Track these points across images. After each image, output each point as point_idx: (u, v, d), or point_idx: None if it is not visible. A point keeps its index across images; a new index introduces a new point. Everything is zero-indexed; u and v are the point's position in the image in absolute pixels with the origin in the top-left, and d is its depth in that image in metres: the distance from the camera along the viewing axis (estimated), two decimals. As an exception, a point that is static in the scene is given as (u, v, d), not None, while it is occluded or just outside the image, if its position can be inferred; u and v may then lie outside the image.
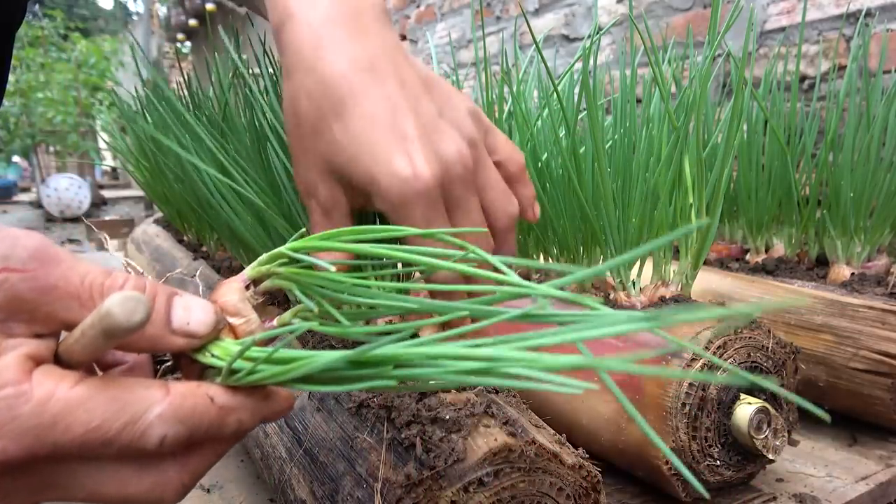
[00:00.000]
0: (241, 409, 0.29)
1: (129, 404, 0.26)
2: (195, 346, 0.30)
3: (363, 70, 0.37)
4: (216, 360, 0.29)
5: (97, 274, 0.28)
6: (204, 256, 0.97)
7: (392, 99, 0.37)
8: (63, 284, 0.27)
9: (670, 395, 0.49)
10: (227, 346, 0.30)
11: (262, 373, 0.28)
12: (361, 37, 0.38)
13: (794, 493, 0.55)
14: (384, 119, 0.36)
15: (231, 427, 0.29)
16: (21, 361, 0.26)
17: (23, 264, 0.26)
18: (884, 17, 1.12)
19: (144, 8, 9.27)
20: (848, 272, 0.77)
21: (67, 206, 6.41)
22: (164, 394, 0.27)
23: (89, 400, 0.26)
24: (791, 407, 0.54)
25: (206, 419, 0.28)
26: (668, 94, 0.60)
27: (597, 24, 0.63)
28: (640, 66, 0.67)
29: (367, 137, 0.36)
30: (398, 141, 0.36)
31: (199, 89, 0.86)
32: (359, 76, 0.37)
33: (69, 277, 0.27)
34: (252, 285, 0.34)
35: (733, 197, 0.91)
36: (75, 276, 0.27)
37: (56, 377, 0.26)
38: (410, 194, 0.36)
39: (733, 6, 0.58)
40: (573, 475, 0.39)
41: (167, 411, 0.27)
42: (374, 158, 0.36)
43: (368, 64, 0.37)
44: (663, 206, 0.59)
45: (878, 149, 0.75)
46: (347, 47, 0.38)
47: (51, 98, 6.98)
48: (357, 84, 0.37)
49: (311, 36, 0.38)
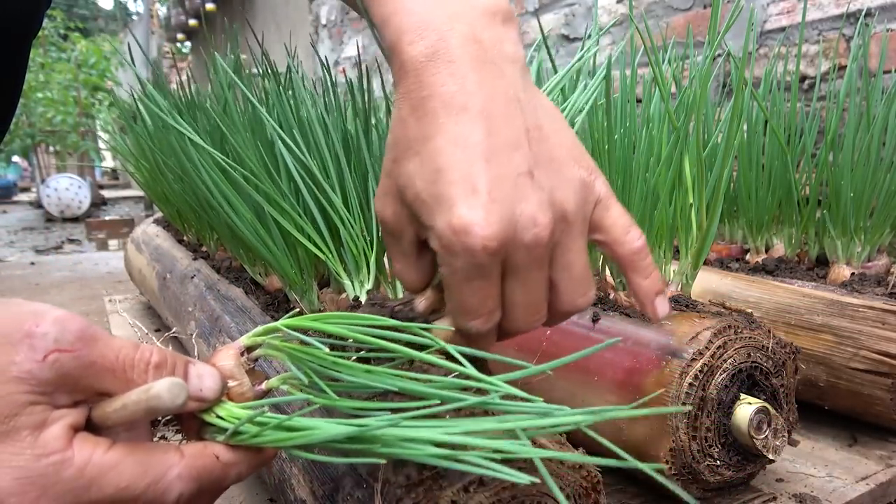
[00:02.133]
0: (241, 464, 0.34)
1: (152, 467, 0.31)
2: (204, 409, 0.35)
3: (456, 110, 0.35)
4: (220, 421, 0.35)
5: (129, 349, 0.33)
6: (204, 256, 0.97)
7: (474, 146, 0.34)
8: (101, 360, 0.32)
9: (670, 395, 0.49)
10: (229, 408, 0.35)
11: (266, 437, 0.33)
12: (469, 72, 0.36)
13: (794, 493, 0.55)
14: (459, 166, 0.34)
15: (232, 479, 0.34)
16: (65, 431, 0.30)
17: (70, 345, 0.31)
18: (884, 17, 1.12)
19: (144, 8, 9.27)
20: (848, 272, 0.77)
21: (67, 206, 6.41)
22: (180, 457, 0.32)
23: (119, 464, 0.31)
24: (791, 407, 0.54)
25: (213, 475, 0.33)
26: (669, 95, 0.60)
27: (597, 24, 0.63)
28: (640, 66, 0.67)
29: (437, 180, 0.34)
30: (466, 192, 0.34)
31: (200, 89, 0.86)
32: (449, 116, 0.35)
33: (106, 354, 0.32)
34: (246, 352, 0.39)
35: (733, 197, 0.91)
36: (111, 352, 0.32)
37: (92, 444, 0.31)
38: (458, 248, 0.34)
39: (733, 6, 0.58)
40: (573, 475, 0.39)
41: (184, 472, 0.32)
42: (437, 202, 0.34)
43: (463, 104, 0.35)
44: (663, 205, 0.59)
45: (878, 149, 0.75)
46: (449, 81, 0.35)
47: (51, 98, 6.98)
48: (445, 124, 0.35)
49: (418, 59, 0.36)
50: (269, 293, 0.73)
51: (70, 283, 1.83)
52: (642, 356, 0.52)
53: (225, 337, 0.66)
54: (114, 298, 1.46)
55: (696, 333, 0.51)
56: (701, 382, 0.50)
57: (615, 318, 0.57)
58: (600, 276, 0.65)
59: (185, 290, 0.87)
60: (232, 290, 0.75)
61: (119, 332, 1.20)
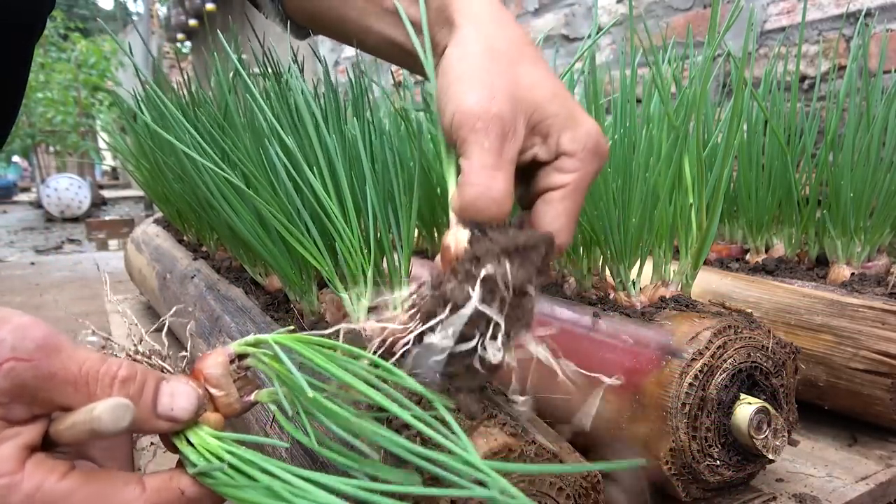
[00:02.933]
0: (206, 499, 0.32)
1: (110, 500, 0.29)
2: (177, 430, 0.33)
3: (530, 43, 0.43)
4: (190, 451, 0.32)
5: (94, 361, 0.30)
6: (204, 256, 0.97)
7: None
8: (62, 373, 0.29)
9: (670, 395, 0.49)
10: (203, 437, 0.33)
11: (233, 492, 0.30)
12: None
13: (794, 493, 0.55)
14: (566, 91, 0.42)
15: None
16: (17, 452, 0.28)
17: (29, 354, 0.28)
18: (884, 17, 1.12)
19: (144, 8, 9.27)
20: (848, 272, 0.77)
21: (67, 206, 6.41)
22: (141, 490, 0.30)
23: (71, 495, 0.28)
24: (791, 407, 0.54)
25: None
26: (668, 95, 0.60)
27: (597, 24, 0.63)
28: (640, 66, 0.67)
29: (563, 95, 0.41)
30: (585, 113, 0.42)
31: (200, 89, 0.86)
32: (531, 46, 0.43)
33: (68, 366, 0.30)
34: (237, 359, 0.36)
35: (733, 197, 0.91)
36: (74, 364, 0.30)
37: (46, 470, 0.28)
38: (603, 149, 0.41)
39: (733, 6, 0.58)
40: (573, 475, 0.39)
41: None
42: (572, 113, 0.40)
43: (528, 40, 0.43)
44: (663, 206, 0.59)
45: (878, 149, 0.75)
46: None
47: (51, 98, 6.98)
48: (535, 50, 0.43)
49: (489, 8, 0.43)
50: (269, 293, 0.73)
51: (70, 283, 1.83)
52: (642, 356, 0.52)
53: (225, 337, 0.66)
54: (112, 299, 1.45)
55: (696, 333, 0.51)
56: (701, 382, 0.50)
57: (615, 318, 0.57)
58: (600, 276, 0.65)
59: (185, 290, 0.87)
60: (232, 290, 0.75)
61: (119, 331, 1.20)
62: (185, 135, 0.60)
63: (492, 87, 0.38)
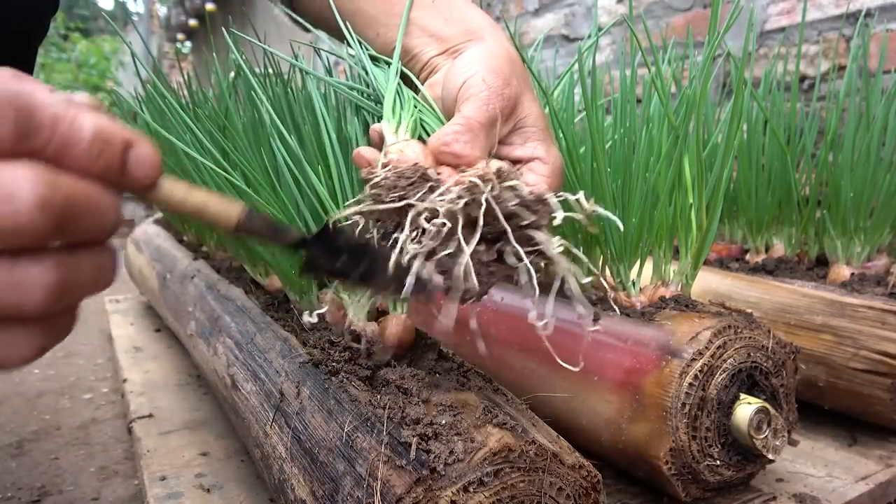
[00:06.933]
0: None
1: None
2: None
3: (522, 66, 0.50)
4: None
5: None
6: (204, 256, 0.97)
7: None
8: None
9: (670, 395, 0.49)
10: None
11: None
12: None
13: (794, 493, 0.55)
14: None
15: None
16: None
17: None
18: (884, 17, 1.12)
19: (144, 8, 9.27)
20: (848, 272, 0.77)
21: (67, 206, 6.40)
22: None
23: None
24: (791, 407, 0.55)
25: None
26: (668, 95, 0.60)
27: (597, 24, 0.63)
28: (640, 66, 0.67)
29: (544, 118, 0.48)
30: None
31: (200, 89, 0.86)
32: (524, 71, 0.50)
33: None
34: None
35: (733, 197, 0.91)
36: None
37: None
38: (560, 171, 0.47)
39: (733, 6, 0.58)
40: (573, 475, 0.39)
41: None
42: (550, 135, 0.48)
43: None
44: (663, 206, 0.59)
45: (878, 149, 0.75)
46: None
47: (51, 98, 6.96)
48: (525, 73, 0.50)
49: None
50: (270, 293, 0.73)
51: (70, 283, 1.82)
52: (642, 356, 0.52)
53: (225, 337, 0.66)
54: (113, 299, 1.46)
55: (695, 333, 0.51)
56: (701, 382, 0.50)
57: (615, 318, 0.57)
58: (601, 275, 0.65)
59: (185, 289, 0.87)
60: (232, 290, 0.75)
61: (119, 331, 1.20)
62: (185, 134, 0.60)
63: (507, 78, 0.46)
